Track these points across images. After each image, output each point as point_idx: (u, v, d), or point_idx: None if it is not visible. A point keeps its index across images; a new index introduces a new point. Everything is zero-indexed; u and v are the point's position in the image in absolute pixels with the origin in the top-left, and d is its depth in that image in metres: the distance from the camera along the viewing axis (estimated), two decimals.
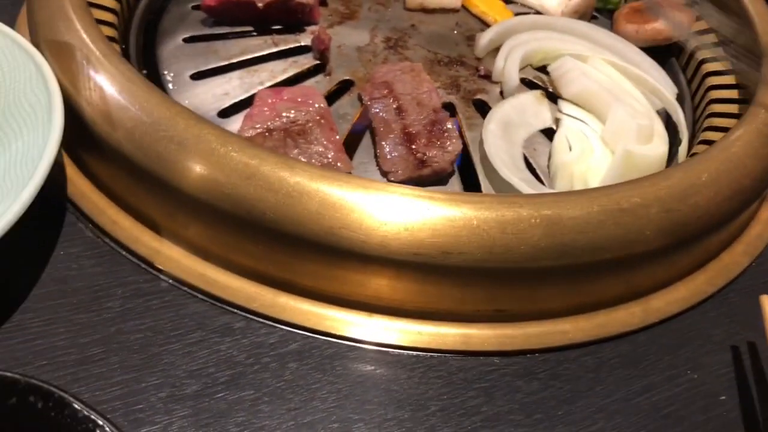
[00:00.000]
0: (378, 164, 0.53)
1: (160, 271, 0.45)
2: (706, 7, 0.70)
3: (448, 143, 0.52)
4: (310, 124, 0.52)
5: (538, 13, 0.71)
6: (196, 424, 0.39)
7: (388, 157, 0.52)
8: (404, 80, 0.56)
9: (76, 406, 0.31)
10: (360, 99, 0.58)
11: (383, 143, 0.53)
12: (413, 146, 0.51)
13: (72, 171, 0.50)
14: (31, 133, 0.45)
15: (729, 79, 0.62)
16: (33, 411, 0.31)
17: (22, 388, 0.31)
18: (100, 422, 0.31)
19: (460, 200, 0.42)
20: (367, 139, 0.55)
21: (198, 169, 0.42)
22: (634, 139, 0.55)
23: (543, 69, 0.65)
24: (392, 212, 0.41)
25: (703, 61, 0.66)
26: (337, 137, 0.52)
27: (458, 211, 0.41)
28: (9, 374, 0.31)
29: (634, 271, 0.46)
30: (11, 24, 0.58)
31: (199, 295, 0.44)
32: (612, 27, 0.71)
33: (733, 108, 0.59)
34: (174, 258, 0.45)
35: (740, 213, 0.49)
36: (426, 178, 0.51)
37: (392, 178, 0.51)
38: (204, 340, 0.42)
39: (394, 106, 0.53)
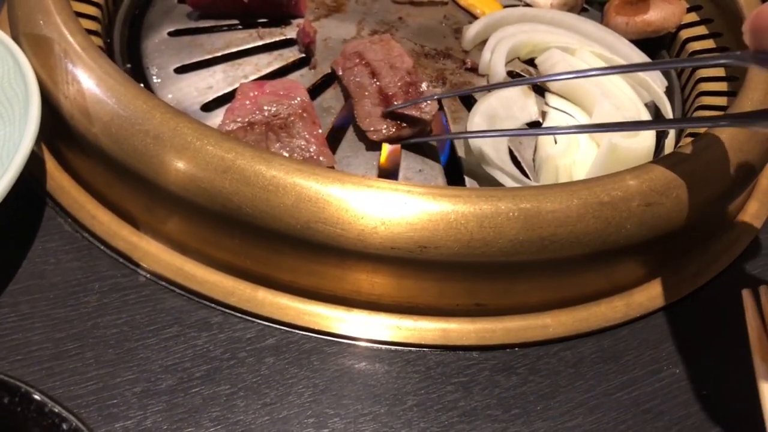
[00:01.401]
0: (356, 125, 0.53)
1: (138, 265, 0.45)
2: None
3: (425, 105, 0.52)
4: (292, 118, 0.52)
5: (527, 5, 0.71)
6: (170, 419, 0.38)
7: (367, 119, 0.52)
8: (375, 49, 0.57)
9: (42, 400, 0.31)
10: (333, 72, 0.58)
11: (362, 103, 0.53)
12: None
13: (52, 165, 0.49)
14: (8, 126, 0.45)
15: (718, 72, 0.62)
16: None
17: None
18: (66, 416, 0.30)
19: (438, 194, 0.42)
20: (350, 133, 0.55)
21: (174, 163, 0.42)
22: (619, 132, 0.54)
23: (531, 62, 0.64)
24: (369, 206, 0.41)
25: (693, 53, 0.65)
26: (320, 131, 0.52)
27: (435, 205, 0.41)
28: None
29: (615, 265, 0.46)
30: None
31: (177, 290, 0.44)
32: (602, 19, 0.70)
33: (721, 101, 0.59)
34: (152, 253, 0.45)
35: (724, 207, 0.49)
36: (405, 138, 0.53)
37: (374, 137, 0.52)
38: (180, 334, 0.42)
39: (368, 71, 0.54)
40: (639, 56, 0.65)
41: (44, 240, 0.46)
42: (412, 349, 0.43)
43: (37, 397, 0.31)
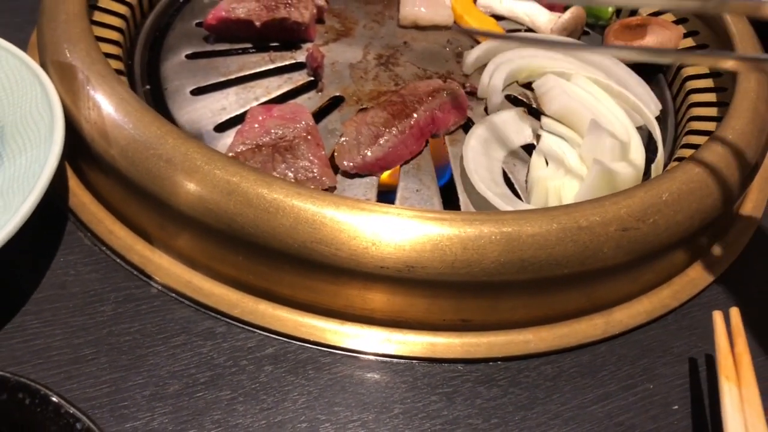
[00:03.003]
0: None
1: (150, 278, 0.49)
2: (695, 23, 0.72)
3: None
4: (297, 141, 0.55)
5: (529, 30, 0.73)
6: (175, 420, 0.42)
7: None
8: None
9: (58, 402, 0.34)
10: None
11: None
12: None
13: (74, 183, 0.53)
14: (35, 149, 0.49)
15: (709, 97, 0.64)
16: (21, 407, 0.35)
17: (12, 385, 0.35)
18: (80, 416, 0.34)
19: (426, 217, 0.45)
20: None
21: (184, 185, 0.46)
22: (608, 155, 0.57)
23: (529, 85, 0.67)
24: (361, 228, 0.44)
25: (687, 78, 0.68)
26: (323, 153, 0.55)
27: (423, 228, 0.44)
28: (0, 373, 0.35)
29: (594, 285, 0.48)
30: (24, 44, 0.63)
31: (186, 301, 0.48)
32: (602, 43, 0.73)
33: (710, 125, 0.61)
34: (164, 266, 0.49)
35: (701, 233, 0.51)
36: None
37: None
38: (187, 343, 0.46)
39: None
40: (635, 80, 0.67)
41: (65, 252, 0.50)
42: (401, 360, 0.47)
43: (54, 399, 0.34)
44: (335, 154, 0.57)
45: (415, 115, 0.58)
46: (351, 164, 0.56)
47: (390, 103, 0.59)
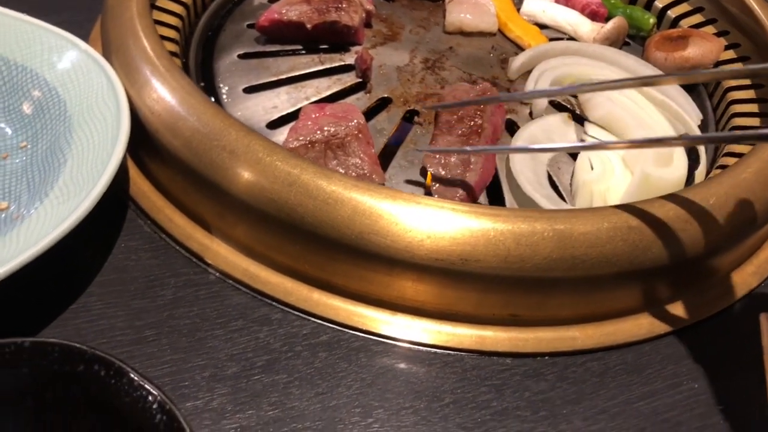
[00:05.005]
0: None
1: (208, 265, 0.50)
2: (736, 36, 0.73)
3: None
4: (349, 138, 0.57)
5: (571, 38, 0.75)
6: (234, 401, 0.43)
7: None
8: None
9: (132, 375, 0.36)
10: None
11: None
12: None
13: (134, 172, 0.55)
14: (101, 136, 0.50)
15: (752, 107, 0.65)
16: (97, 377, 0.36)
17: (89, 357, 0.36)
18: (153, 390, 0.36)
19: (480, 212, 0.46)
20: (400, 152, 0.60)
21: (246, 175, 0.47)
22: (652, 162, 0.58)
23: None
24: (417, 220, 0.45)
25: (728, 89, 0.69)
26: (373, 151, 0.57)
27: (477, 223, 0.46)
28: (78, 345, 0.37)
29: (642, 284, 0.49)
30: (85, 39, 0.65)
31: (243, 288, 0.49)
32: (643, 54, 0.74)
33: None
34: (222, 254, 0.51)
35: (747, 236, 0.52)
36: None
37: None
38: (245, 328, 0.47)
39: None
40: (677, 90, 0.68)
41: (126, 238, 0.52)
42: (451, 352, 0.48)
43: (129, 372, 0.36)
44: (433, 194, 0.55)
45: (483, 133, 0.59)
46: (457, 197, 0.55)
47: (448, 125, 0.59)
